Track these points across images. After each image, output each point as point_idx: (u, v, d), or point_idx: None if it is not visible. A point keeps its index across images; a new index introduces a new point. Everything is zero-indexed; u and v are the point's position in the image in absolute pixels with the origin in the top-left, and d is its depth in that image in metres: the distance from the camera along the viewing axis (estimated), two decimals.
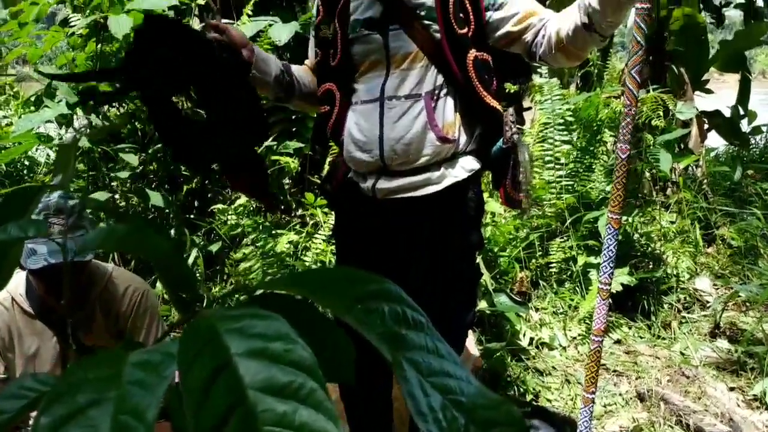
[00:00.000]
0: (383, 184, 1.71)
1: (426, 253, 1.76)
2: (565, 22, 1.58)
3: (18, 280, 1.85)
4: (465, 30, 1.64)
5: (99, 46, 2.97)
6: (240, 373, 0.34)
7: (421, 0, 1.64)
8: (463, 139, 1.71)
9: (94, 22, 2.87)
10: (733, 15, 7.68)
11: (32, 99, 3.53)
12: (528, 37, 1.66)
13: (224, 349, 0.35)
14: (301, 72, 1.89)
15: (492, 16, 1.67)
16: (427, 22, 1.64)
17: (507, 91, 1.79)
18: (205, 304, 3.16)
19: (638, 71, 1.55)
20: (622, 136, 1.59)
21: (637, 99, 1.56)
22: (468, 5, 1.64)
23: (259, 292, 0.50)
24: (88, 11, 2.90)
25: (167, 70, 1.41)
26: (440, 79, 1.66)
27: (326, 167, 1.92)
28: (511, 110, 1.73)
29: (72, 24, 2.97)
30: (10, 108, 3.92)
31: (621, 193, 1.67)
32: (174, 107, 1.47)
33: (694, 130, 4.50)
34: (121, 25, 2.66)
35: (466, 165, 1.73)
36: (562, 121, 3.64)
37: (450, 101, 1.68)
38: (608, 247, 1.74)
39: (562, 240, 3.55)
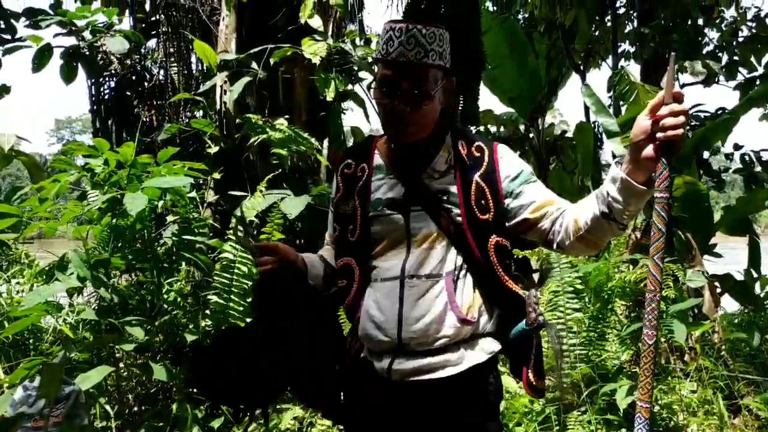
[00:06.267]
0: (400, 365, 1.64)
1: None
2: (583, 211, 1.59)
3: None
4: (486, 216, 1.66)
5: (114, 220, 3.06)
6: None
7: (444, 186, 1.68)
8: (483, 319, 1.68)
9: (112, 198, 2.97)
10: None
11: (46, 269, 3.59)
12: (545, 224, 1.67)
13: None
14: (334, 257, 1.88)
15: (510, 203, 1.69)
16: (448, 206, 1.66)
17: (515, 256, 1.78)
18: None
19: (660, 258, 1.52)
20: (648, 321, 1.51)
21: (662, 285, 1.52)
22: (488, 193, 1.67)
23: None
24: (106, 188, 3.02)
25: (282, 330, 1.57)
26: (460, 260, 1.66)
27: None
28: (534, 291, 1.69)
29: (91, 200, 3.07)
30: (23, 276, 3.97)
31: (650, 381, 1.58)
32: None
33: (707, 295, 4.45)
34: (136, 202, 2.75)
35: (486, 347, 1.68)
36: (571, 289, 3.61)
37: (470, 282, 1.67)
38: None
39: (579, 413, 3.38)
